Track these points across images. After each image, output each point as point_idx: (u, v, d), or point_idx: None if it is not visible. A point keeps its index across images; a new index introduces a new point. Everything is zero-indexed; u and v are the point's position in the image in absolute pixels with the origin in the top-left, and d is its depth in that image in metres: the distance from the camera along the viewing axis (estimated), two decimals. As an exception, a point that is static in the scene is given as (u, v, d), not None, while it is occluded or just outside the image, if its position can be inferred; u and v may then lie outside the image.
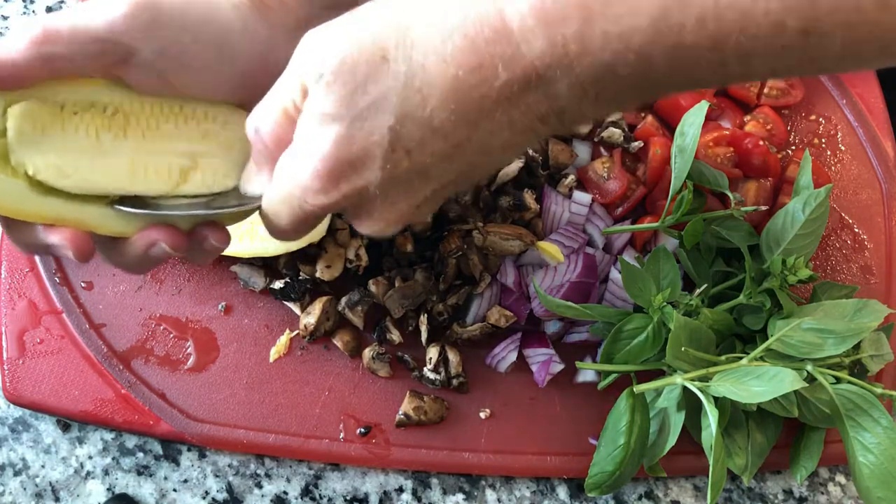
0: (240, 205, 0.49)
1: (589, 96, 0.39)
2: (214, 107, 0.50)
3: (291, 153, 0.44)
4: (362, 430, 0.67)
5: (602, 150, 0.78)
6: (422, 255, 0.70)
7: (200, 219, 0.49)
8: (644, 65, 0.37)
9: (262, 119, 0.45)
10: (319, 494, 0.67)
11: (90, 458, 0.66)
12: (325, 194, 0.43)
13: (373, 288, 0.68)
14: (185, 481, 0.66)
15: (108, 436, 0.67)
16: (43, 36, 0.44)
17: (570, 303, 0.65)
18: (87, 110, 0.46)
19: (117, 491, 0.66)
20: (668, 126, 0.80)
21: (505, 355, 0.70)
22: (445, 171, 0.43)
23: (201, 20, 0.47)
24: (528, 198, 0.72)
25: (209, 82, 0.49)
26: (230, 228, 0.51)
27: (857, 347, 0.67)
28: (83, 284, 0.69)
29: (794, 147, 0.82)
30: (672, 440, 0.64)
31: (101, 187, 0.46)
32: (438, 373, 0.68)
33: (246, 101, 0.50)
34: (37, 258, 0.69)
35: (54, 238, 0.45)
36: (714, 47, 0.36)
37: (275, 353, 0.69)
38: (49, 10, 0.81)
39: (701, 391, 0.61)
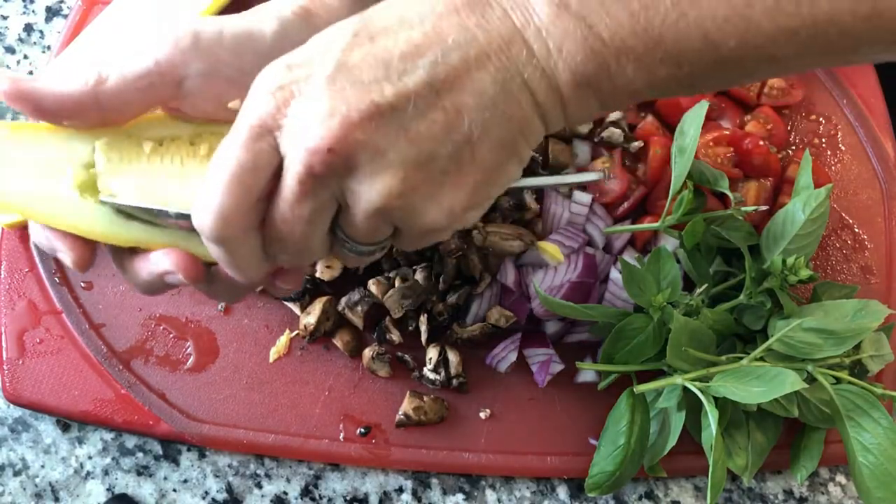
0: None
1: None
2: None
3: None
4: (362, 430, 0.67)
5: (602, 150, 0.78)
6: (422, 255, 0.70)
7: None
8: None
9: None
10: (319, 495, 0.67)
11: (90, 458, 0.66)
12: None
13: (373, 288, 0.68)
14: (185, 481, 0.66)
15: (108, 436, 0.67)
16: (97, 78, 0.45)
17: (570, 303, 0.65)
18: (169, 144, 0.48)
19: (117, 491, 0.66)
20: (668, 126, 0.79)
21: (505, 355, 0.70)
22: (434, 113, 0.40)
23: (241, 37, 0.47)
24: (528, 198, 0.72)
25: None
26: None
27: (857, 348, 0.67)
28: (83, 284, 0.69)
29: (794, 147, 0.82)
30: (672, 440, 0.64)
31: (182, 207, 0.46)
32: (438, 373, 0.68)
33: None
34: (36, 257, 0.69)
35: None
36: None
37: (275, 353, 0.69)
38: (49, 10, 0.81)
39: (701, 391, 0.61)
